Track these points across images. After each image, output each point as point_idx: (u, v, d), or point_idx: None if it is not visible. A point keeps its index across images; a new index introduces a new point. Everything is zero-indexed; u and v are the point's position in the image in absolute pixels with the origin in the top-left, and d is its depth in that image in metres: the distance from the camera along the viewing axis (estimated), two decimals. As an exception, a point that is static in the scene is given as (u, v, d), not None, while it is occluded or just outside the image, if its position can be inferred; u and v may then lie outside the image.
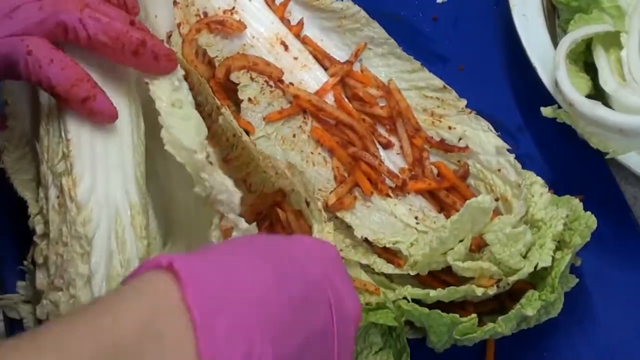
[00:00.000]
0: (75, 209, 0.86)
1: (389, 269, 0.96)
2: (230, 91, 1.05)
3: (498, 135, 1.02)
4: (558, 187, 1.01)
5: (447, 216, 1.00)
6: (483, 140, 1.02)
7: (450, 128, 1.04)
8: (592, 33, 1.01)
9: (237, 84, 1.03)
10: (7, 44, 0.86)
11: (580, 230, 0.94)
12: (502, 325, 0.90)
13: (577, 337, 1.00)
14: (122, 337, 0.61)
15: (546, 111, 1.01)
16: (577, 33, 1.01)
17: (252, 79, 1.04)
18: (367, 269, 0.98)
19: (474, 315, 0.90)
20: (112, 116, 0.89)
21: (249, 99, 1.03)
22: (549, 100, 1.02)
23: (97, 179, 0.88)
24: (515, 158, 1.00)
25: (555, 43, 1.05)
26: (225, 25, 1.06)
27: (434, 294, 0.91)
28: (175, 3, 1.07)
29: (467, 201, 0.91)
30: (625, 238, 1.05)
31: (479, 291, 0.91)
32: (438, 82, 1.06)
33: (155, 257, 0.67)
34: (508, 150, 1.00)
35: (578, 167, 1.07)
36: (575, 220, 0.95)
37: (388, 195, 1.02)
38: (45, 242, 0.90)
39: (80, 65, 0.88)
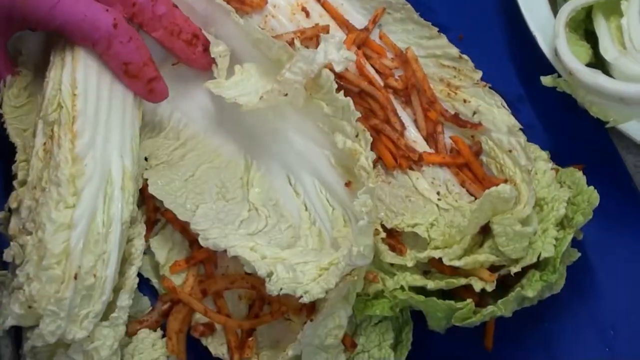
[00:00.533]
0: (71, 160, 0.88)
1: (390, 257, 0.95)
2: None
3: (511, 114, 1.01)
4: (559, 156, 1.01)
5: (469, 190, 1.00)
6: (496, 117, 1.01)
7: (465, 101, 1.04)
8: (593, 1, 1.00)
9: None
10: (87, 7, 0.90)
11: (583, 208, 0.94)
12: (502, 308, 0.90)
13: (579, 308, 1.01)
14: None
15: (546, 80, 1.00)
16: (577, 1, 1.00)
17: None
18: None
19: (469, 300, 0.90)
20: (165, 97, 0.98)
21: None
22: (549, 69, 1.02)
23: (97, 137, 0.91)
24: (528, 140, 0.99)
25: (555, 11, 1.04)
26: (244, 4, 1.05)
27: (432, 284, 0.92)
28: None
29: (487, 190, 0.91)
30: (627, 207, 1.05)
31: (477, 286, 0.91)
32: (454, 51, 1.06)
33: None
34: (520, 129, 1.00)
35: (578, 137, 1.07)
36: (578, 195, 0.95)
37: (410, 168, 1.01)
38: (23, 188, 0.92)
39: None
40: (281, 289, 0.86)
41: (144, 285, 1.00)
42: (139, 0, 0.94)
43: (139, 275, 0.97)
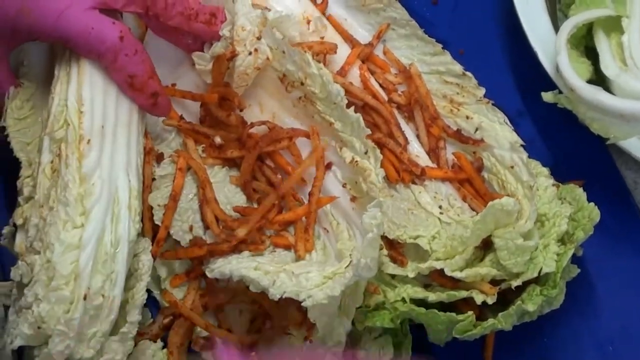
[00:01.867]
0: (79, 180, 0.88)
1: (391, 268, 0.95)
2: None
3: (514, 130, 1.02)
4: (559, 172, 1.01)
5: (471, 205, 1.01)
6: (499, 133, 1.01)
7: (467, 118, 1.04)
8: (594, 17, 1.00)
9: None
10: (93, 19, 0.90)
11: (584, 224, 0.94)
12: (502, 322, 0.90)
13: (578, 323, 1.01)
14: None
15: (547, 96, 1.01)
16: (578, 17, 1.01)
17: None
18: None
19: (470, 313, 0.91)
20: (168, 112, 0.98)
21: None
22: (550, 85, 1.02)
23: (104, 155, 0.91)
24: (530, 157, 1.00)
25: (556, 27, 1.05)
26: None
27: (433, 297, 0.92)
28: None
29: (490, 203, 0.91)
30: (626, 223, 1.05)
31: (479, 299, 0.91)
32: (458, 68, 1.06)
33: None
34: (522, 146, 1.00)
35: (579, 153, 1.07)
36: (579, 211, 0.96)
37: (413, 182, 1.02)
38: (28, 205, 0.92)
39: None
40: (284, 293, 0.86)
41: (145, 297, 1.00)
42: None
43: (140, 287, 0.97)
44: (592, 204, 0.96)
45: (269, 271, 0.90)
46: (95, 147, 0.90)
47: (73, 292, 0.86)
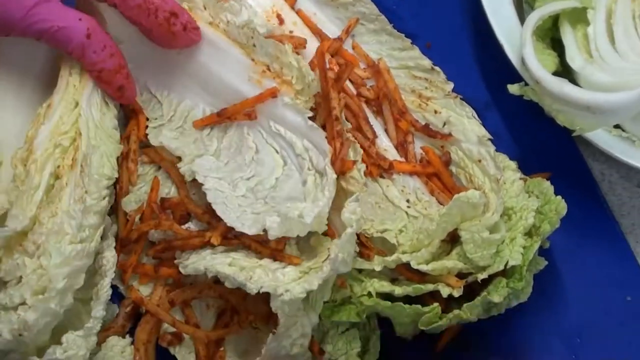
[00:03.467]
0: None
1: (358, 263, 0.95)
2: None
3: (481, 124, 1.02)
4: (525, 164, 1.01)
5: (439, 199, 1.00)
6: (467, 127, 1.01)
7: (436, 112, 1.04)
8: (559, 9, 1.00)
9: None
10: (60, 17, 0.90)
11: (550, 217, 0.94)
12: (467, 312, 0.90)
13: (546, 316, 1.02)
14: None
15: (513, 88, 1.00)
16: (544, 9, 1.00)
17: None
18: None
19: (435, 305, 0.91)
20: (132, 101, 0.99)
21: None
22: (516, 77, 1.02)
23: None
24: (497, 150, 1.00)
25: (522, 20, 1.04)
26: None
27: (400, 290, 0.92)
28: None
29: (456, 195, 0.91)
30: (593, 215, 1.06)
31: (445, 292, 0.91)
32: (427, 63, 1.06)
33: None
34: (489, 140, 1.00)
35: (545, 144, 1.07)
36: (546, 204, 0.96)
37: (381, 176, 1.01)
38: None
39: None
40: (261, 287, 0.86)
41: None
42: None
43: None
44: (559, 197, 0.96)
45: (244, 267, 0.90)
46: None
47: (60, 306, 0.88)
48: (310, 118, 0.96)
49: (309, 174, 0.95)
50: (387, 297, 0.92)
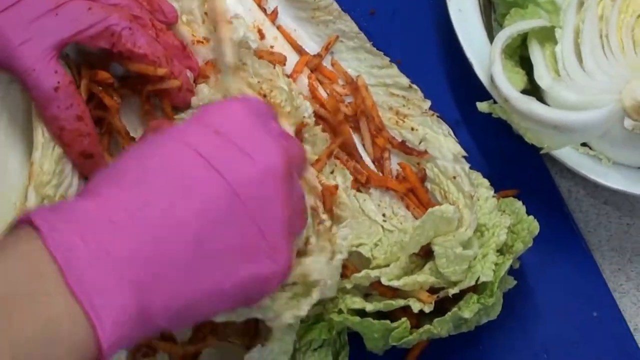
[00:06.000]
0: None
1: None
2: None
3: (457, 142, 1.02)
4: (494, 181, 1.02)
5: (414, 214, 1.01)
6: (442, 145, 1.02)
7: (412, 129, 1.04)
8: (528, 28, 1.01)
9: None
10: (39, 62, 0.86)
11: (523, 237, 0.95)
12: (438, 327, 0.91)
13: (514, 332, 1.02)
14: None
15: (482, 106, 1.01)
16: (512, 28, 1.01)
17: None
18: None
19: (404, 319, 0.90)
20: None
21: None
22: (485, 95, 1.02)
23: None
24: (471, 168, 1.01)
25: (491, 38, 1.05)
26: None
27: (370, 307, 0.91)
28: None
29: (430, 209, 0.92)
30: (560, 232, 1.06)
31: (416, 307, 0.91)
32: (405, 81, 1.06)
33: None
34: (464, 157, 1.01)
35: (514, 162, 1.08)
36: (518, 224, 0.97)
37: (358, 190, 1.02)
38: None
39: None
40: (250, 313, 0.84)
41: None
42: (118, 30, 0.90)
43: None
44: (531, 217, 0.96)
45: None
46: None
47: None
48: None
49: None
50: (360, 312, 0.92)
